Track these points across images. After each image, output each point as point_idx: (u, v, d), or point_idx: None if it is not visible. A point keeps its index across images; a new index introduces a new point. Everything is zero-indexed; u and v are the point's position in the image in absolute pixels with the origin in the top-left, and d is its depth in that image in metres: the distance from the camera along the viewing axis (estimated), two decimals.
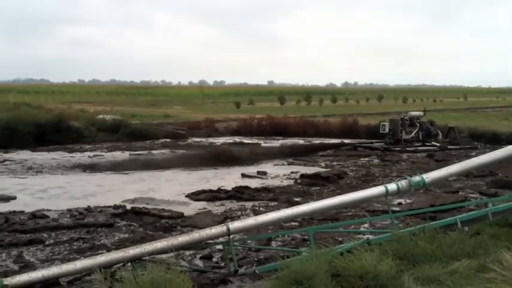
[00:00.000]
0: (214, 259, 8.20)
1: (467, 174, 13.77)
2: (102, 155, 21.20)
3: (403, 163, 19.58)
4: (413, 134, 23.92)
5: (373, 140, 24.83)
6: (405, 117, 24.31)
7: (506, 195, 9.89)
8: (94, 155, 21.01)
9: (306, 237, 8.26)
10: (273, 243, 8.94)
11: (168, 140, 26.99)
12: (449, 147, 23.25)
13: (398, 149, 22.76)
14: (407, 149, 22.81)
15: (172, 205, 12.11)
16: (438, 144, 23.51)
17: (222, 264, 7.75)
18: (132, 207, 11.42)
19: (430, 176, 8.48)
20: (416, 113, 25.26)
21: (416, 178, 8.29)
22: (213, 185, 14.43)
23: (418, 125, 24.15)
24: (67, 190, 14.03)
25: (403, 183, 8.17)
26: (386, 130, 23.92)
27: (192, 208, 11.93)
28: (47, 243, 9.07)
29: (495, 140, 24.58)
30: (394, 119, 24.91)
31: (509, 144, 11.44)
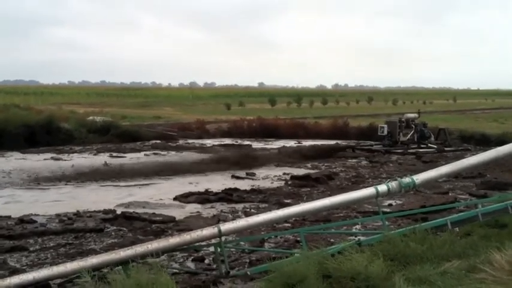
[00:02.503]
0: (206, 261, 8.17)
1: (456, 175, 13.86)
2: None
3: (391, 164, 19.68)
4: (409, 136, 23.99)
5: (372, 143, 24.74)
6: (402, 119, 24.36)
7: (496, 196, 9.98)
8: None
9: (298, 238, 8.27)
10: (266, 245, 8.94)
11: (158, 141, 26.91)
12: (446, 149, 23.32)
13: (400, 151, 22.72)
14: (409, 151, 22.74)
15: (162, 209, 11.93)
16: (435, 146, 23.60)
17: (214, 266, 7.74)
18: (122, 212, 11.21)
19: (420, 177, 8.54)
20: (412, 115, 25.33)
21: (406, 179, 8.34)
22: (201, 188, 14.39)
23: (413, 126, 24.23)
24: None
25: (393, 184, 8.21)
26: (385, 132, 23.87)
27: (183, 212, 11.76)
28: (31, 249, 8.81)
29: (484, 142, 24.76)
30: (392, 121, 24.95)
31: (498, 145, 11.55)
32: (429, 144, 23.92)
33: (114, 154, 21.96)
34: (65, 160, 20.19)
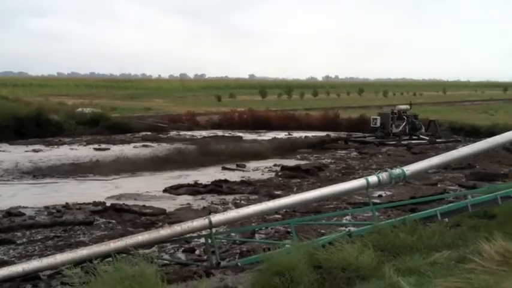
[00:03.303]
0: (196, 252, 8.18)
1: (446, 166, 13.93)
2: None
3: (380, 156, 19.74)
4: (401, 127, 24.04)
5: (366, 134, 24.74)
6: (394, 111, 24.38)
7: (485, 187, 10.02)
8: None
9: (289, 229, 8.29)
10: (257, 236, 8.95)
11: (149, 133, 26.84)
12: (437, 140, 23.42)
13: (393, 142, 22.77)
14: (402, 142, 22.79)
15: (153, 201, 11.88)
16: (427, 138, 23.68)
17: (205, 257, 7.74)
18: (112, 204, 11.10)
19: (410, 169, 8.56)
20: (404, 107, 25.37)
21: (397, 170, 8.36)
22: (191, 179, 14.34)
23: (405, 118, 24.27)
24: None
25: (384, 175, 8.23)
26: (378, 124, 23.90)
27: (173, 204, 11.73)
28: (19, 242, 8.72)
29: (474, 133, 24.88)
30: (385, 112, 24.97)
31: (488, 137, 11.59)
32: (421, 136, 24.01)
33: (98, 146, 21.69)
34: (46, 152, 19.93)
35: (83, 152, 20.07)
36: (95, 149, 21.10)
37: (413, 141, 23.20)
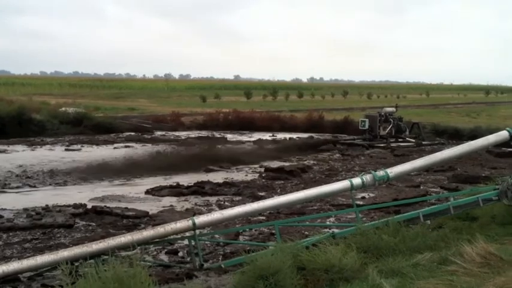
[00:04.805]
0: (180, 254, 8.12)
1: (428, 169, 14.03)
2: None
3: (362, 157, 19.86)
4: (388, 129, 24.13)
5: (355, 137, 24.73)
6: (381, 113, 24.47)
7: (468, 190, 10.10)
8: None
9: (273, 231, 8.28)
10: (241, 238, 8.92)
11: (132, 133, 26.67)
12: (423, 143, 23.55)
13: (382, 145, 22.80)
14: (392, 145, 22.82)
15: (137, 202, 11.77)
16: (413, 141, 23.82)
17: (188, 259, 7.69)
18: (93, 206, 10.88)
19: (394, 171, 8.60)
20: (390, 109, 25.44)
21: (380, 172, 8.39)
22: (173, 180, 14.19)
23: (391, 121, 24.38)
24: None
25: (367, 177, 8.25)
26: (367, 126, 23.93)
27: (157, 206, 11.56)
28: None
29: (457, 136, 25.17)
30: (372, 115, 25.03)
31: (471, 139, 11.73)
32: (407, 138, 24.15)
33: (70, 147, 21.28)
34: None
35: (62, 154, 19.57)
36: (67, 150, 20.65)
37: (401, 144, 23.34)
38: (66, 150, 20.62)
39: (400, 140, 24.05)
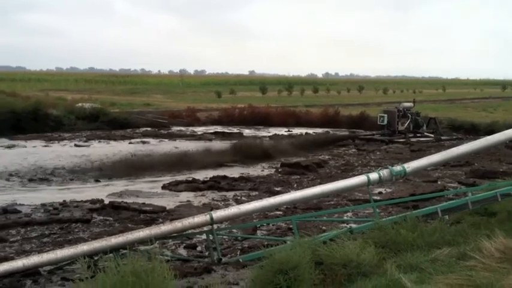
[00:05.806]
0: (198, 248, 8.18)
1: (445, 164, 13.93)
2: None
3: (378, 152, 19.76)
4: (406, 125, 23.97)
5: (374, 132, 24.46)
6: (400, 109, 24.27)
7: (486, 185, 10.03)
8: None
9: (291, 226, 8.29)
10: (258, 233, 8.95)
11: (149, 129, 26.80)
12: (442, 138, 23.36)
13: (402, 140, 22.63)
14: (412, 140, 22.67)
15: (155, 198, 11.82)
16: (432, 136, 23.64)
17: (206, 253, 7.74)
18: (110, 202, 10.94)
19: (411, 166, 8.57)
20: (408, 104, 25.23)
21: (397, 167, 8.37)
22: (189, 175, 14.26)
23: (409, 116, 24.20)
24: None
25: (384, 172, 8.24)
26: (385, 122, 23.75)
27: (173, 201, 11.61)
28: (13, 240, 8.55)
29: (473, 131, 24.96)
30: (391, 110, 24.83)
31: (487, 134, 11.62)
32: (425, 133, 23.97)
33: (79, 144, 21.16)
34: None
35: (80, 149, 19.66)
36: (82, 146, 20.79)
37: (421, 139, 23.17)
38: (81, 146, 20.65)
39: (418, 135, 23.86)
